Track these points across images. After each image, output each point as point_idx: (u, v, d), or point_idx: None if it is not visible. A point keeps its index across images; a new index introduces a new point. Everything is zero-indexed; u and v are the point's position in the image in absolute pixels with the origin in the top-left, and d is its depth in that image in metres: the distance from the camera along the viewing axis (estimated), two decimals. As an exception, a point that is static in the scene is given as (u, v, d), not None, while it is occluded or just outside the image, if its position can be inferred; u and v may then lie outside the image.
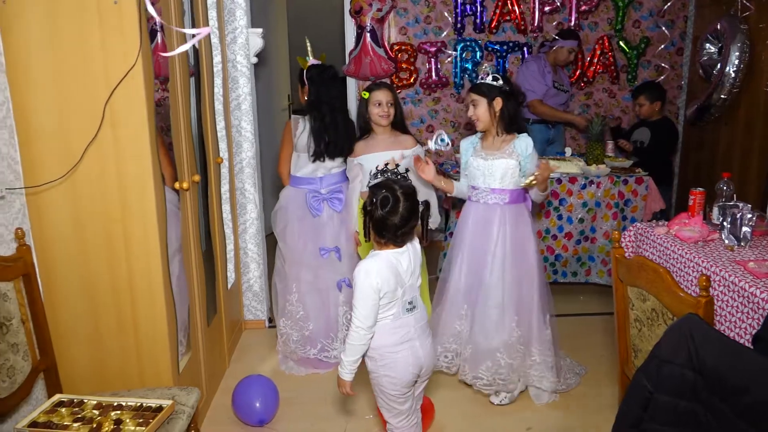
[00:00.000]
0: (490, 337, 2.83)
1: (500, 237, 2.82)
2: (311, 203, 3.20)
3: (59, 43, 2.04)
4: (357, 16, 4.77)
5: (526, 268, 2.84)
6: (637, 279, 1.83)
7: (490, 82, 2.76)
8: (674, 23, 5.05)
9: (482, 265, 2.85)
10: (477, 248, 2.87)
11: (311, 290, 3.27)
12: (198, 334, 2.78)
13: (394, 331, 2.07)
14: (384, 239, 2.04)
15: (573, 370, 3.11)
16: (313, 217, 3.22)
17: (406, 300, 2.07)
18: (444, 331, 2.96)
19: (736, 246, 2.47)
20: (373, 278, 1.98)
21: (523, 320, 2.84)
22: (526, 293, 2.84)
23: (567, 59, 4.47)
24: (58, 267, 2.21)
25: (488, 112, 2.78)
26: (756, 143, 4.22)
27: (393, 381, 2.11)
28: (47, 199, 2.15)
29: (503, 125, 2.80)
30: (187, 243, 2.66)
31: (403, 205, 1.99)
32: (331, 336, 3.28)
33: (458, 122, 5.16)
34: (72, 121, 2.09)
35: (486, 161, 2.82)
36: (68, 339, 2.27)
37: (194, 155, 2.76)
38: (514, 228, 2.83)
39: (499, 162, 2.79)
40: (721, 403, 1.20)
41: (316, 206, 3.20)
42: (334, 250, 3.24)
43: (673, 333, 1.33)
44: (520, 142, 2.80)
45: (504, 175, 2.79)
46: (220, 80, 3.30)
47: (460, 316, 2.92)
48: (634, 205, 4.01)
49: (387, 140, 3.13)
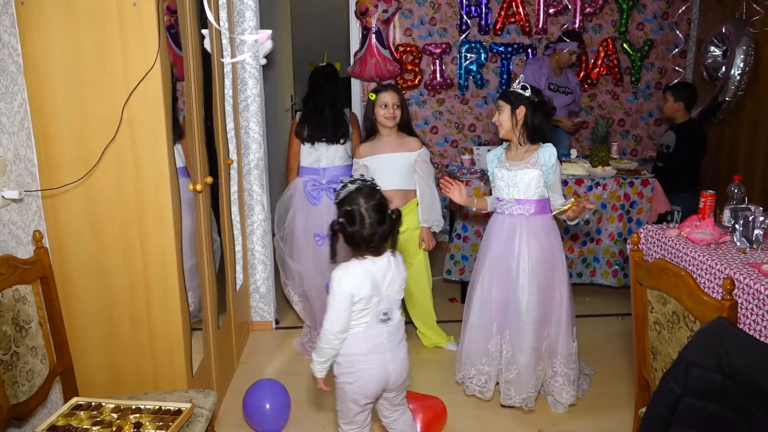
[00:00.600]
0: (529, 355, 2.78)
1: (525, 249, 2.76)
2: (309, 191, 3.33)
3: (78, 44, 2.03)
4: (362, 17, 4.78)
5: (556, 279, 2.78)
6: (658, 282, 1.84)
7: (519, 90, 2.75)
8: (678, 26, 5.08)
9: (510, 280, 2.79)
10: (503, 262, 2.80)
11: (315, 275, 3.38)
12: (210, 336, 2.78)
13: (365, 341, 2.05)
14: (360, 251, 2.02)
15: (583, 371, 3.11)
16: (312, 206, 3.34)
17: (380, 310, 2.03)
18: (476, 352, 2.90)
19: (749, 248, 2.48)
20: (347, 283, 1.98)
21: (551, 331, 2.82)
22: (557, 306, 2.79)
23: (569, 61, 4.48)
24: (74, 269, 2.21)
25: (511, 119, 2.76)
26: (760, 145, 4.25)
27: (355, 390, 2.08)
28: (64, 201, 2.15)
29: (526, 134, 2.75)
30: (200, 245, 2.65)
31: (369, 216, 1.96)
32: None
33: (462, 124, 5.17)
34: (90, 122, 2.09)
35: (510, 172, 2.77)
36: (83, 342, 2.26)
37: (206, 157, 2.76)
38: (540, 239, 2.77)
39: (522, 172, 2.74)
40: (754, 408, 1.20)
41: (315, 195, 3.33)
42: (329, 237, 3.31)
43: (702, 337, 1.34)
44: (544, 152, 2.74)
45: (528, 186, 2.74)
46: (230, 81, 3.30)
47: (490, 335, 2.85)
48: (639, 207, 4.02)
49: (393, 142, 3.14)
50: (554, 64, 4.50)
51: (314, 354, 2.09)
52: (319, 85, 3.38)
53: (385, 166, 3.12)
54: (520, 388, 2.81)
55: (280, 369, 3.35)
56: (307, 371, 3.27)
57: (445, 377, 3.21)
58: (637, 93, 5.21)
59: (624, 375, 3.20)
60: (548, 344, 2.82)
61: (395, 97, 3.09)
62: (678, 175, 4.12)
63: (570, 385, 2.84)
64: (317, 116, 3.35)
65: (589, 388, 3.06)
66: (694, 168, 4.27)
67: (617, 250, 4.05)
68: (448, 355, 3.43)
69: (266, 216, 3.71)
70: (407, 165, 3.11)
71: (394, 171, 3.13)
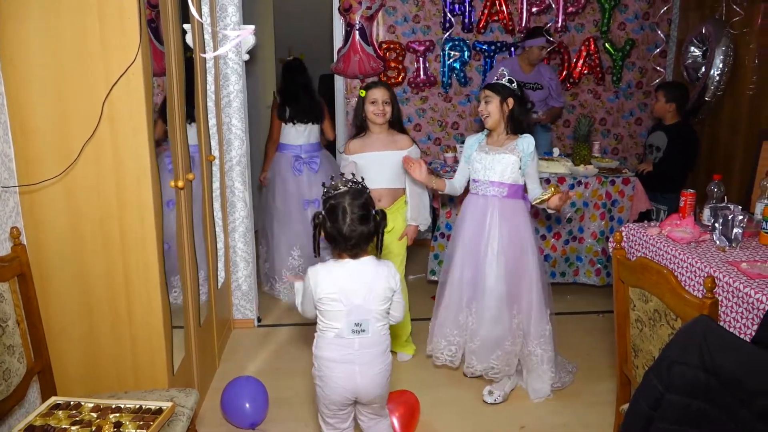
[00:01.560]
0: (493, 329, 2.89)
1: (496, 228, 2.87)
2: (294, 165, 4.10)
3: (58, 37, 1.99)
4: (346, 13, 4.76)
5: (524, 261, 2.88)
6: (640, 280, 1.85)
7: (506, 83, 2.86)
8: (659, 26, 5.13)
9: (480, 256, 2.91)
10: (474, 239, 2.93)
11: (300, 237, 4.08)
12: (191, 334, 2.75)
13: (336, 348, 2.02)
14: (338, 249, 1.99)
15: (565, 368, 3.14)
16: (295, 176, 4.09)
17: (352, 320, 1.98)
18: (446, 323, 3.02)
19: (728, 247, 2.51)
20: (313, 278, 1.99)
21: (522, 310, 2.90)
22: (525, 286, 2.88)
23: (539, 56, 4.45)
24: (52, 266, 2.17)
25: (499, 109, 2.85)
26: (739, 145, 4.31)
27: (323, 394, 2.08)
28: (42, 197, 2.11)
29: (511, 125, 2.87)
30: (181, 242, 2.62)
31: (351, 212, 1.93)
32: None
33: (445, 121, 5.18)
34: (69, 117, 2.05)
35: (488, 155, 2.89)
36: (61, 340, 2.23)
37: (188, 153, 2.72)
38: (510, 221, 2.87)
39: (500, 156, 2.86)
40: (737, 405, 1.22)
41: (299, 167, 4.10)
42: (314, 201, 4.05)
43: (684, 334, 1.35)
44: (524, 140, 2.86)
45: (504, 170, 2.85)
46: (212, 77, 3.26)
47: (461, 308, 2.97)
48: (620, 205, 4.06)
49: (383, 139, 3.13)
50: (524, 62, 4.50)
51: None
52: (288, 76, 4.12)
53: (374, 163, 3.10)
54: (482, 358, 2.93)
55: (262, 367, 3.32)
56: (289, 370, 3.27)
57: (427, 375, 3.22)
58: (619, 92, 5.26)
59: (605, 372, 3.23)
60: (518, 323, 2.89)
61: (385, 94, 3.08)
62: (667, 176, 4.15)
63: (546, 363, 2.91)
64: (296, 101, 4.05)
65: (570, 384, 3.09)
66: (684, 170, 4.26)
67: (600, 248, 4.09)
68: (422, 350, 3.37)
69: (249, 213, 3.68)
70: (396, 163, 3.09)
71: (383, 169, 3.11)
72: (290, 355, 3.44)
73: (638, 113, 5.29)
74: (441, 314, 3.05)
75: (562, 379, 3.05)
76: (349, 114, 5.11)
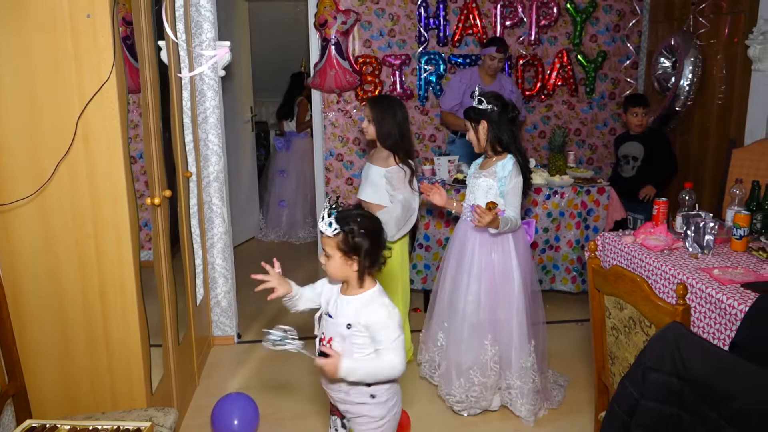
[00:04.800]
0: (462, 355, 2.87)
1: (477, 255, 2.85)
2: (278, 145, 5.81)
3: (29, 54, 1.99)
4: (322, 29, 4.79)
5: (505, 290, 2.83)
6: (615, 288, 1.88)
7: (476, 105, 2.81)
8: (629, 38, 5.23)
9: (460, 281, 2.90)
10: (458, 262, 2.93)
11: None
12: (170, 352, 2.72)
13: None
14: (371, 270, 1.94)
15: (557, 382, 3.12)
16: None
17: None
18: (429, 339, 3.09)
19: (700, 254, 2.56)
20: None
21: (500, 340, 2.85)
22: (505, 316, 2.83)
23: (492, 66, 4.46)
24: (26, 287, 2.14)
25: (475, 136, 2.86)
26: (709, 153, 4.40)
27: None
28: (15, 216, 2.08)
29: (492, 146, 2.84)
30: (158, 259, 2.60)
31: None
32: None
33: (422, 134, 5.22)
34: (41, 135, 2.04)
35: (475, 179, 2.90)
36: (37, 361, 2.20)
37: (164, 170, 2.71)
38: (489, 247, 2.84)
39: (481, 180, 2.86)
40: (709, 410, 1.24)
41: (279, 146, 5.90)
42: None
43: (657, 341, 1.37)
44: (502, 162, 2.82)
45: (486, 194, 2.82)
46: (188, 93, 3.26)
47: (442, 329, 3.00)
48: (596, 214, 4.11)
49: (375, 153, 3.20)
50: (484, 74, 4.54)
51: None
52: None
53: (364, 173, 3.24)
54: (447, 385, 2.96)
55: (242, 384, 3.30)
56: (271, 386, 3.25)
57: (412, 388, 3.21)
58: (592, 103, 5.34)
59: (582, 380, 3.25)
60: (495, 353, 2.84)
61: (366, 111, 3.15)
62: (649, 183, 4.23)
63: (524, 397, 2.86)
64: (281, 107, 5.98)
65: (566, 381, 3.12)
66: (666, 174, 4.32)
67: (575, 256, 4.13)
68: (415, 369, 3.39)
69: (227, 229, 3.66)
70: (376, 178, 3.11)
71: (366, 180, 3.20)
72: (272, 371, 3.42)
73: (612, 123, 5.38)
74: (426, 327, 3.15)
75: (555, 399, 3.02)
76: (327, 128, 5.12)
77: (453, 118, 4.58)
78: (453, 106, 4.56)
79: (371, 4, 4.93)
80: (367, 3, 4.92)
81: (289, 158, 6.08)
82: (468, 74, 4.60)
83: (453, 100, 4.56)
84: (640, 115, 4.28)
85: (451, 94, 4.58)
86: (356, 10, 4.87)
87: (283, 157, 6.08)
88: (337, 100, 5.05)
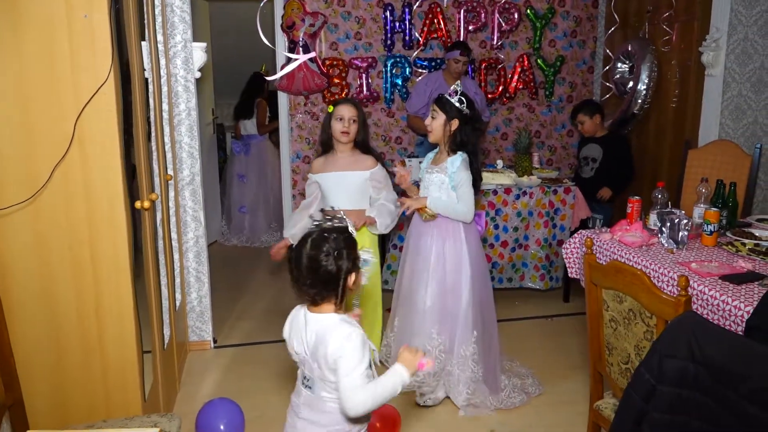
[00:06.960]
0: (408, 340, 2.95)
1: (430, 247, 2.96)
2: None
3: (24, 56, 1.93)
4: (289, 31, 4.77)
5: (454, 281, 2.93)
6: (614, 282, 1.97)
7: (456, 102, 2.86)
8: (585, 43, 5.43)
9: (414, 272, 3.01)
10: (414, 255, 3.04)
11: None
12: (157, 359, 2.68)
13: (295, 391, 1.91)
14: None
15: (525, 389, 3.11)
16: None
17: (300, 372, 1.85)
18: (388, 326, 3.25)
19: (676, 249, 2.70)
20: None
21: (446, 330, 2.94)
22: (452, 306, 2.93)
23: (456, 69, 4.52)
24: (19, 294, 2.07)
25: (442, 127, 2.90)
26: (665, 153, 4.62)
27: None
28: (8, 222, 2.01)
29: (450, 145, 2.91)
30: (146, 264, 2.56)
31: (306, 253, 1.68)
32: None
33: (388, 136, 5.27)
34: (37, 139, 1.98)
35: (428, 174, 2.97)
36: (30, 370, 2.12)
37: (150, 173, 2.67)
38: (444, 241, 2.95)
39: (434, 176, 2.94)
40: (726, 390, 1.33)
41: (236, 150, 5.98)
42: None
43: (673, 329, 1.46)
44: (453, 158, 2.90)
45: (439, 188, 2.92)
46: (164, 95, 3.20)
47: (398, 314, 3.14)
48: (563, 213, 4.26)
49: (347, 159, 3.10)
50: (448, 76, 4.63)
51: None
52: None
53: (335, 183, 3.08)
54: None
55: (221, 389, 3.25)
56: (250, 390, 3.22)
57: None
58: (551, 106, 5.52)
59: (561, 372, 3.36)
60: (442, 342, 2.94)
61: (352, 111, 3.04)
62: (606, 184, 4.39)
63: (460, 385, 2.94)
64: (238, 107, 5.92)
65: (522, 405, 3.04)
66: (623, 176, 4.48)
67: (544, 254, 4.27)
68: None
69: (202, 232, 3.61)
70: (359, 184, 3.07)
71: (345, 189, 3.08)
72: (250, 376, 3.39)
73: (569, 126, 5.57)
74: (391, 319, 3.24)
75: (510, 400, 3.01)
76: (294, 131, 5.11)
77: (419, 121, 4.64)
78: (419, 110, 4.63)
79: (338, 7, 4.96)
80: (333, 6, 4.95)
81: (248, 162, 5.91)
82: (434, 78, 4.67)
83: (419, 103, 4.63)
84: (587, 122, 4.47)
85: (418, 98, 4.64)
86: (323, 13, 4.88)
87: (242, 161, 5.91)
88: (305, 102, 5.05)
